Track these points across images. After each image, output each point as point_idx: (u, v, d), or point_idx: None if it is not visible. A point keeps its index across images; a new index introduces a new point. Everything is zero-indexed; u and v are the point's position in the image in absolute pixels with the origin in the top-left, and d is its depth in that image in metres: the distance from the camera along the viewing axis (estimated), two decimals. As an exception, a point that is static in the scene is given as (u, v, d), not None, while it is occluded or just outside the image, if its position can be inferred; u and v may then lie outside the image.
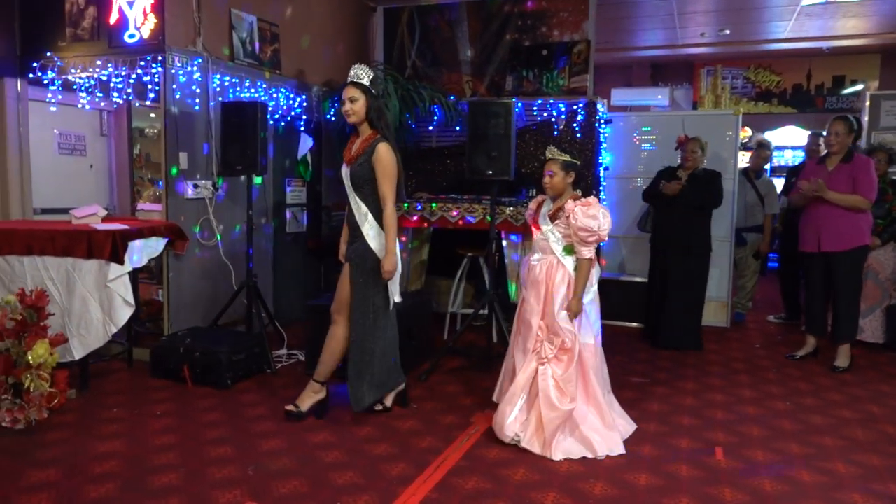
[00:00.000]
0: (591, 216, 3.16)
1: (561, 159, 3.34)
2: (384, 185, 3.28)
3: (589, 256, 3.23)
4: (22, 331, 3.39)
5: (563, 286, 3.24)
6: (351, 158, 3.36)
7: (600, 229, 3.17)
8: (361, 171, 3.29)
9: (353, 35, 6.64)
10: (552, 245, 3.31)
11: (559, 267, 3.27)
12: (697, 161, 4.96)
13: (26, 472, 2.86)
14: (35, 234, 3.78)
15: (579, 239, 3.19)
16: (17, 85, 4.87)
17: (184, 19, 4.56)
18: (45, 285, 3.77)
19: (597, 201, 3.28)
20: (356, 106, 3.29)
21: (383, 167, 3.25)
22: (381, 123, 3.34)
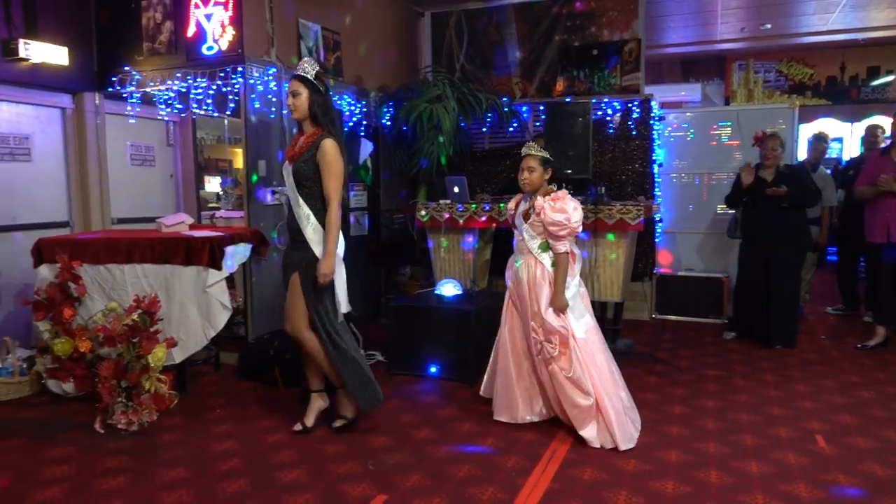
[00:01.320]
0: (558, 210, 3.17)
1: (539, 155, 3.31)
2: (330, 183, 3.08)
3: (564, 250, 3.22)
4: (132, 336, 3.51)
5: (545, 283, 3.25)
6: (294, 155, 3.16)
7: (571, 222, 3.16)
8: (304, 169, 3.10)
9: (403, 41, 6.75)
10: (528, 244, 3.30)
11: (537, 265, 3.28)
12: (778, 158, 4.89)
13: (157, 471, 2.97)
14: (135, 243, 3.91)
15: (550, 234, 3.20)
16: (95, 99, 5.01)
17: (258, 31, 4.68)
18: (145, 292, 3.88)
19: (566, 194, 3.28)
20: (298, 101, 3.12)
21: (328, 164, 3.06)
22: (326, 119, 3.14)
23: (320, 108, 3.13)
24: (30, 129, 4.72)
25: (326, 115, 3.15)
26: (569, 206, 3.18)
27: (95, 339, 3.75)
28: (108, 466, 3.02)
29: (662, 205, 6.17)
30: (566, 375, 3.19)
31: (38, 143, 4.77)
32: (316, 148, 3.09)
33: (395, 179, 6.35)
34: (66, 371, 3.89)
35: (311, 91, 3.11)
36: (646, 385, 4.15)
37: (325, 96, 3.16)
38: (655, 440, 3.28)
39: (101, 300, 3.97)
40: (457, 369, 4.24)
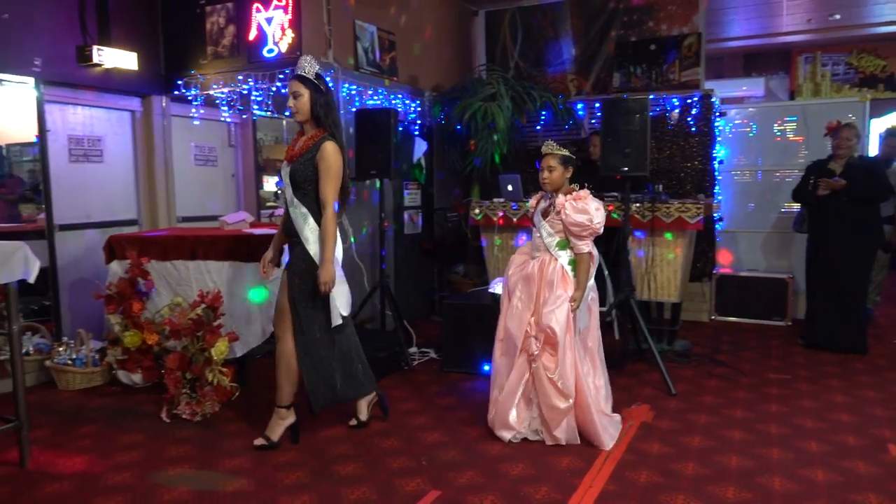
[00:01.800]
0: (580, 210, 3.13)
1: (560, 154, 3.26)
2: (326, 186, 2.99)
3: (587, 250, 3.19)
4: (196, 329, 3.64)
5: (556, 281, 3.17)
6: (293, 156, 3.07)
7: (593, 222, 3.12)
8: (303, 170, 3.01)
9: (457, 39, 6.77)
10: (546, 241, 3.24)
11: (552, 262, 3.22)
12: (852, 149, 4.66)
13: (219, 461, 3.08)
14: (199, 240, 4.05)
15: (573, 234, 3.16)
16: (162, 102, 5.21)
17: (316, 32, 4.78)
18: (208, 287, 4.02)
19: (588, 194, 3.22)
20: (300, 102, 3.02)
21: (327, 166, 2.98)
22: (328, 121, 3.05)
23: (322, 108, 3.03)
24: (102, 131, 4.95)
25: (329, 115, 3.05)
26: (591, 206, 3.14)
27: (162, 332, 3.91)
28: (173, 454, 3.15)
29: (723, 202, 6.00)
30: (548, 376, 3.12)
31: (109, 145, 5.00)
32: (317, 149, 3.00)
33: (448, 178, 6.38)
34: (135, 362, 4.08)
35: (312, 91, 3.02)
36: (705, 388, 4.05)
37: (326, 96, 3.06)
38: (715, 444, 3.20)
39: (167, 295, 4.13)
40: (510, 368, 4.23)
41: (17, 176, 5.65)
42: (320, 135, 3.04)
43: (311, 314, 3.11)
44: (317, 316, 3.12)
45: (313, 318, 3.12)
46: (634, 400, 3.83)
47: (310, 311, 3.11)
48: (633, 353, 4.62)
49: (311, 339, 3.13)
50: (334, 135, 3.05)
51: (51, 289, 4.51)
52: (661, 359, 4.08)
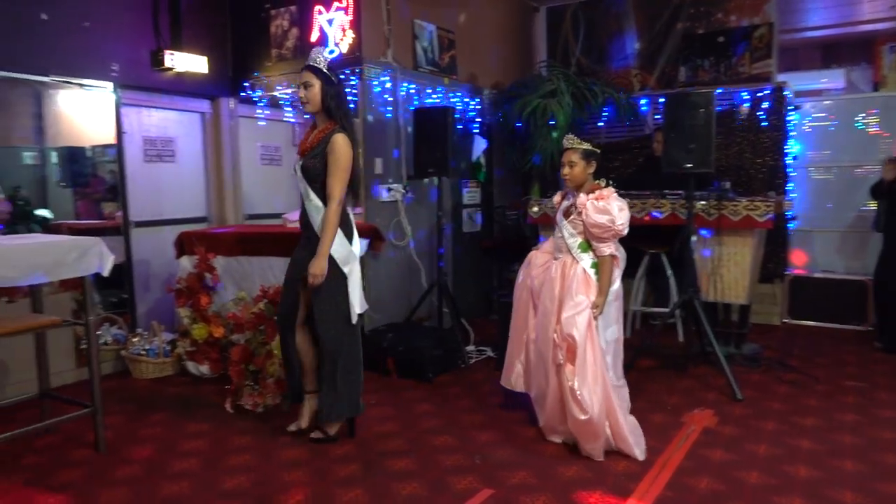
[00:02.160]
0: (602, 210, 2.97)
1: (581, 148, 3.12)
2: (334, 179, 2.93)
3: (609, 252, 3.02)
4: (259, 323, 3.76)
5: (577, 285, 3.02)
6: (304, 150, 3.03)
7: (615, 224, 2.95)
8: (315, 165, 2.97)
9: (518, 36, 6.71)
10: (567, 241, 3.10)
11: (574, 265, 3.07)
12: None
13: (279, 451, 3.16)
14: (262, 237, 4.18)
15: (593, 235, 3.01)
16: (230, 103, 5.40)
17: (375, 33, 4.84)
18: (270, 283, 4.14)
19: (612, 193, 3.05)
20: (311, 93, 2.97)
21: (336, 159, 2.92)
22: (339, 113, 2.99)
23: (334, 99, 2.98)
24: (174, 132, 5.17)
25: (340, 107, 3.00)
26: (613, 207, 2.98)
27: (227, 325, 4.05)
28: (236, 444, 3.26)
29: (797, 200, 5.72)
30: (570, 387, 2.97)
31: (181, 146, 5.22)
32: (327, 142, 2.95)
33: (508, 176, 6.34)
34: (203, 354, 4.24)
35: (323, 82, 2.97)
36: (774, 394, 3.88)
37: (338, 87, 3.02)
38: (782, 453, 3.06)
39: (232, 290, 4.28)
40: (567, 368, 4.17)
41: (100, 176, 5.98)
42: (331, 127, 2.99)
43: (330, 310, 3.03)
44: (340, 310, 3.05)
45: (334, 314, 3.04)
46: (697, 404, 3.70)
47: (330, 307, 3.03)
48: (698, 355, 4.47)
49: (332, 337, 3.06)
50: (345, 127, 2.99)
51: (127, 283, 4.75)
52: (726, 362, 3.93)
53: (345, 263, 3.02)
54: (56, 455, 3.15)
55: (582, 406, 2.92)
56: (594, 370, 2.97)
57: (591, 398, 2.92)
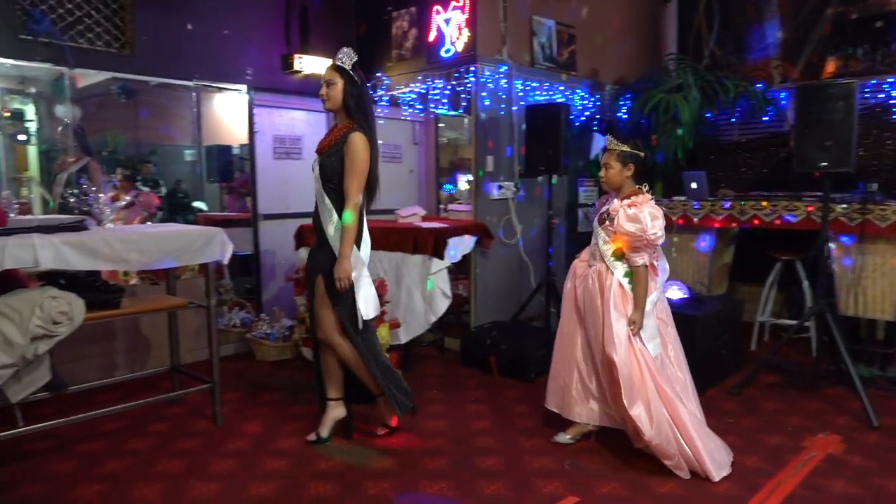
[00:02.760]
0: (632, 219, 2.80)
1: (617, 150, 2.94)
2: (350, 180, 2.87)
3: (641, 263, 2.84)
4: (365, 315, 3.90)
5: (614, 299, 2.86)
6: (322, 148, 3.00)
7: (646, 233, 2.76)
8: (331, 163, 2.92)
9: (644, 29, 6.42)
10: (601, 248, 2.94)
11: (608, 276, 2.91)
12: None
13: (374, 439, 3.27)
14: (372, 232, 4.31)
15: (624, 244, 2.83)
16: (353, 103, 5.64)
17: (491, 30, 4.84)
18: (379, 276, 4.29)
19: (648, 200, 2.87)
20: (332, 91, 2.95)
21: (352, 159, 2.87)
22: (359, 114, 2.96)
23: (354, 99, 2.95)
24: (301, 131, 5.50)
25: (360, 108, 2.97)
26: (645, 214, 2.80)
27: (337, 315, 4.24)
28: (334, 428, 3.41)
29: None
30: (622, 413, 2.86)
31: (307, 144, 5.54)
32: (344, 141, 2.91)
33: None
34: (316, 341, 4.47)
35: (346, 81, 2.95)
36: (920, 424, 3.42)
37: (360, 88, 2.99)
38: (920, 491, 2.69)
39: (344, 281, 4.48)
40: (678, 378, 3.95)
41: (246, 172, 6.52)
42: (349, 126, 2.95)
43: (346, 312, 3.00)
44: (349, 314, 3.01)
45: (347, 315, 3.01)
46: (823, 428, 3.35)
47: (352, 307, 3.00)
48: (830, 374, 4.04)
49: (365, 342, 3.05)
50: (364, 128, 2.95)
51: (254, 271, 5.13)
52: (862, 384, 3.52)
53: (352, 269, 2.95)
54: (179, 424, 3.48)
55: (640, 430, 2.79)
56: (643, 390, 2.81)
57: (648, 422, 2.78)
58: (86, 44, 4.20)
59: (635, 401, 2.79)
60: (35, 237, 2.76)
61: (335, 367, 3.16)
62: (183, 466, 2.97)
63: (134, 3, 4.34)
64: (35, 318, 2.81)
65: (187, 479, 2.84)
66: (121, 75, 4.37)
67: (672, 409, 2.81)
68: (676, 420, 2.80)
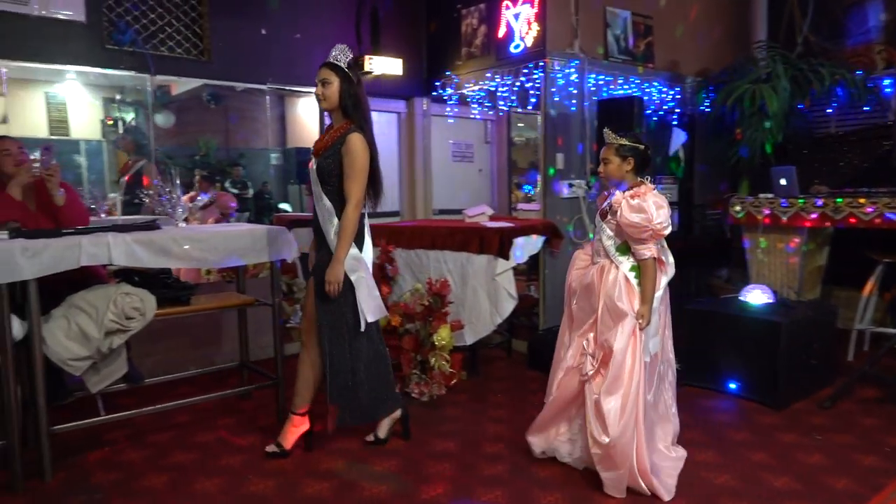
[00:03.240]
0: (636, 209, 2.67)
1: (616, 143, 2.83)
2: (351, 182, 2.81)
3: (649, 255, 2.70)
4: (428, 315, 3.87)
5: (615, 291, 2.73)
6: (319, 149, 2.92)
7: (651, 223, 2.63)
8: (328, 165, 2.84)
9: (730, 17, 6.06)
10: (605, 244, 2.83)
11: (612, 269, 2.79)
12: None
13: (432, 441, 3.23)
14: (438, 231, 4.30)
15: (629, 236, 2.72)
16: (423, 103, 5.64)
17: (562, 24, 4.70)
18: (445, 276, 4.24)
19: (652, 189, 2.76)
20: (328, 90, 2.85)
21: (351, 160, 2.80)
22: (357, 113, 2.87)
23: (351, 99, 2.86)
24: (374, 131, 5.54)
25: (358, 107, 2.88)
26: (650, 203, 2.67)
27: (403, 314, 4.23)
28: (396, 428, 3.38)
29: None
30: (594, 398, 2.68)
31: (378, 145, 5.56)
32: (342, 142, 2.83)
33: (712, 171, 5.77)
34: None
35: (342, 80, 2.86)
36: None
37: (357, 87, 2.89)
38: None
39: (411, 281, 4.46)
40: (760, 389, 3.68)
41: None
42: (347, 127, 2.87)
43: (338, 318, 2.91)
44: (344, 320, 2.92)
45: (340, 322, 2.92)
46: (928, 450, 3.02)
47: (337, 315, 2.91)
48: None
49: (337, 346, 2.94)
50: (362, 128, 2.88)
51: (324, 270, 5.21)
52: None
53: (353, 271, 2.87)
54: (246, 418, 3.56)
55: (605, 424, 2.63)
56: (628, 387, 2.66)
57: (618, 417, 2.62)
58: (167, 52, 4.39)
59: (613, 393, 2.66)
60: (109, 236, 2.89)
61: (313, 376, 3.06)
62: (243, 462, 3.02)
63: (211, 12, 4.50)
64: (109, 313, 2.94)
65: (246, 474, 2.89)
66: (199, 81, 4.54)
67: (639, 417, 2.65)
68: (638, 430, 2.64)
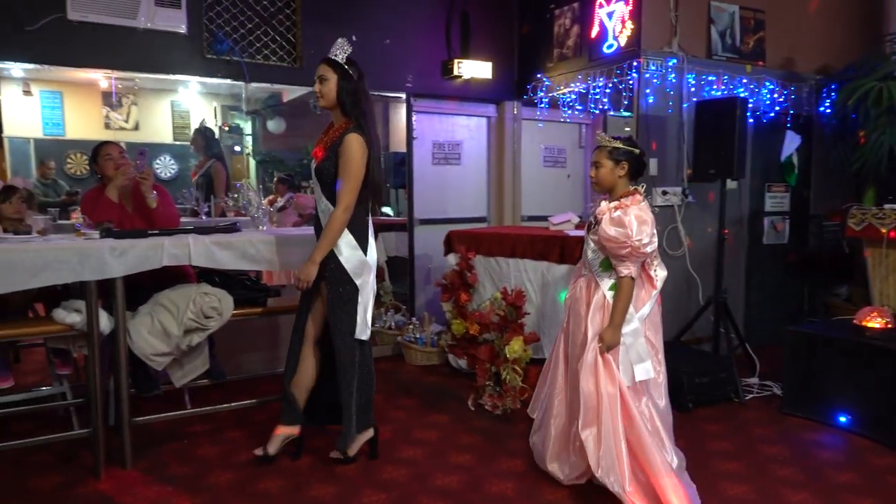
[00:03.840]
0: (616, 222, 2.54)
1: (609, 146, 2.68)
2: (343, 182, 2.74)
3: (626, 274, 2.57)
4: (504, 325, 3.75)
5: (598, 311, 2.65)
6: (317, 152, 2.86)
7: (630, 239, 2.49)
8: (328, 167, 2.79)
9: (856, 8, 5.46)
10: (590, 258, 2.72)
11: (596, 289, 2.68)
12: None
13: (499, 458, 3.11)
14: (519, 239, 4.17)
15: (609, 251, 2.59)
16: (514, 107, 5.52)
17: (659, 21, 4.43)
18: (525, 285, 4.11)
19: (640, 202, 2.60)
20: (325, 87, 2.78)
21: (346, 161, 2.73)
22: (356, 111, 2.78)
23: (349, 96, 2.78)
24: (461, 136, 5.50)
25: (357, 105, 2.79)
26: (630, 218, 2.52)
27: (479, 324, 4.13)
28: (463, 442, 3.30)
29: None
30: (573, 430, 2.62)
31: (466, 149, 5.52)
32: (340, 142, 2.77)
33: (831, 178, 5.22)
34: (461, 349, 4.40)
35: (340, 77, 2.78)
36: None
37: (355, 83, 2.80)
38: None
39: (491, 289, 4.36)
40: (875, 425, 3.27)
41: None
42: (346, 126, 2.81)
43: (337, 323, 2.87)
44: (342, 326, 2.86)
45: (339, 327, 2.87)
46: None
47: (336, 319, 2.87)
48: None
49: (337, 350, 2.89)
50: (361, 126, 2.79)
51: (408, 275, 5.21)
52: None
53: (357, 275, 2.83)
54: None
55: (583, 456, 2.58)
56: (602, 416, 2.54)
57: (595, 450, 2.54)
58: (262, 59, 4.55)
59: (588, 425, 2.58)
60: (190, 237, 3.01)
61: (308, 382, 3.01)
62: (309, 465, 3.04)
63: (304, 21, 4.63)
64: (189, 311, 3.06)
65: (310, 478, 2.90)
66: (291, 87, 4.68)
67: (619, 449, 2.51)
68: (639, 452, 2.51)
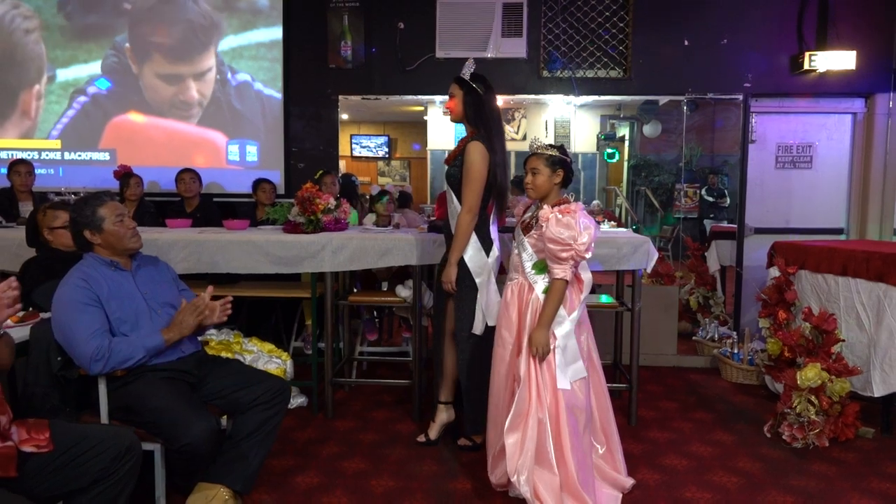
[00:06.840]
0: (565, 225, 2.51)
1: (546, 154, 2.66)
2: (466, 189, 2.96)
3: (561, 276, 2.53)
4: (811, 350, 3.34)
5: (531, 316, 2.61)
6: (449, 158, 3.12)
7: (576, 242, 2.48)
8: (455, 173, 3.04)
9: None
10: (522, 260, 2.68)
11: (530, 291, 2.65)
12: None
13: (769, 491, 2.85)
14: (851, 255, 3.60)
15: (550, 253, 2.54)
16: (889, 100, 4.66)
17: None
18: (855, 309, 3.55)
19: (580, 207, 2.61)
20: (451, 102, 3.08)
21: (468, 168, 2.95)
22: (478, 121, 3.01)
23: (472, 108, 3.03)
24: (813, 137, 4.89)
25: (479, 116, 3.02)
26: (578, 223, 2.52)
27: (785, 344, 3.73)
28: (737, 465, 3.10)
29: None
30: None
31: (820, 151, 4.89)
32: (464, 151, 3.00)
33: None
34: (778, 370, 4.00)
35: (465, 92, 3.04)
36: None
37: (479, 97, 3.03)
38: None
39: (815, 309, 3.85)
40: None
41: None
42: (472, 135, 3.04)
43: (459, 316, 3.09)
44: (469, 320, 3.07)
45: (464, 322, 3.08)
46: None
47: (460, 314, 3.08)
48: None
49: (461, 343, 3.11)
50: (482, 136, 2.99)
51: (735, 286, 4.90)
52: None
53: (478, 274, 3.04)
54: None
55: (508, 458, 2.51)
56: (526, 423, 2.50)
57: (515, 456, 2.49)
58: (591, 73, 4.88)
59: (514, 430, 2.54)
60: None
61: (450, 368, 3.24)
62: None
63: (635, 31, 4.78)
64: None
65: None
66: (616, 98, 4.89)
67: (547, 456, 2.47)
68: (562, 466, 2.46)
